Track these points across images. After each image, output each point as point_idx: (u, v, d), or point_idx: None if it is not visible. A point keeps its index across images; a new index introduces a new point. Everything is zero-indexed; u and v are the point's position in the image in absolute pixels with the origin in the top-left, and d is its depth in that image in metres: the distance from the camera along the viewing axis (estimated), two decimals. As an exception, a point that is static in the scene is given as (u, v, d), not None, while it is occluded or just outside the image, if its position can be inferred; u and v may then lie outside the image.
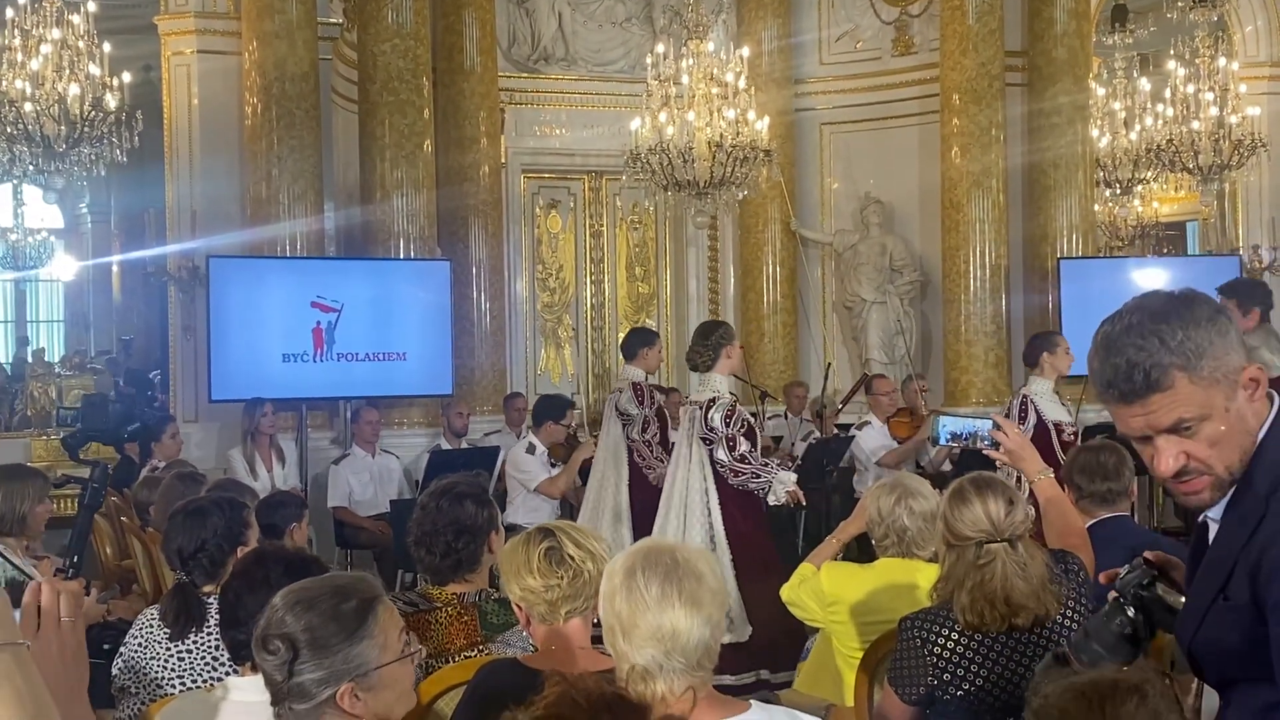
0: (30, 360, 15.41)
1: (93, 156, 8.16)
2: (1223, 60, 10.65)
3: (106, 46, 8.15)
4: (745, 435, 6.11)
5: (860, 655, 3.47)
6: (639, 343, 7.09)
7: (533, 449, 7.84)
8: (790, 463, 7.28)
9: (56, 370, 14.70)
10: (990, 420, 3.62)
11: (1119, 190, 12.36)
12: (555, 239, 11.60)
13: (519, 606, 2.77)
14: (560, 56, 11.34)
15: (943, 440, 3.78)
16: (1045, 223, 10.44)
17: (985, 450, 3.64)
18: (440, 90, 9.84)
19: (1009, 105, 10.45)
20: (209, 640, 3.30)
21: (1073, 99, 10.40)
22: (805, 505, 6.59)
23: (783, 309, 11.33)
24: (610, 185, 11.53)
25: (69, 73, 7.88)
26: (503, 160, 10.71)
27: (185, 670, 3.30)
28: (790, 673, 5.77)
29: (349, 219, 9.49)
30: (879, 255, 11.24)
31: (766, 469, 6.10)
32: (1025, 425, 6.41)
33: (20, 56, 7.86)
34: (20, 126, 7.79)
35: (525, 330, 11.29)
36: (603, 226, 11.74)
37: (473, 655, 3.15)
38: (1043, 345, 6.82)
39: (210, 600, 3.34)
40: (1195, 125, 10.49)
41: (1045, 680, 1.81)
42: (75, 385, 12.85)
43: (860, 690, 3.38)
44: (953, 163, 10.47)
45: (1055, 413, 6.74)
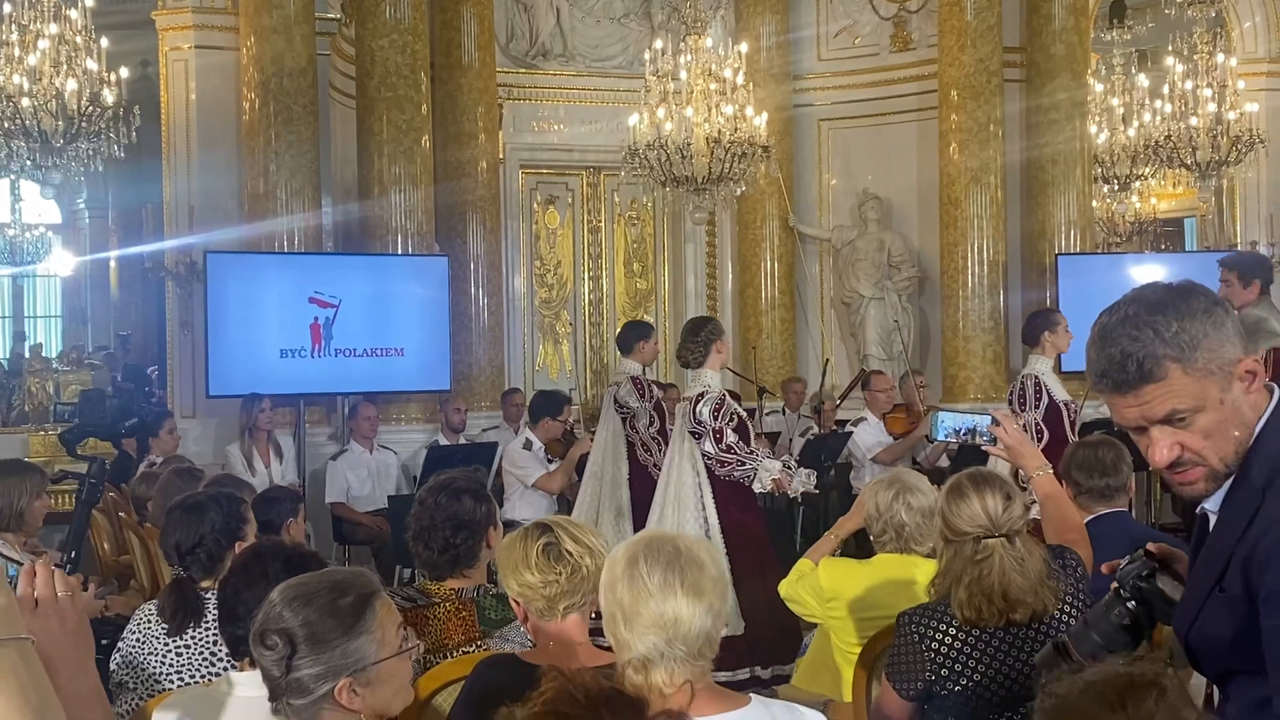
0: (28, 356, 15.40)
1: (90, 152, 8.16)
2: (1221, 56, 10.66)
3: (104, 42, 8.14)
4: (735, 429, 6.11)
5: (858, 651, 3.47)
6: (634, 336, 7.08)
7: (530, 445, 7.83)
8: (794, 462, 7.26)
9: (54, 366, 14.71)
10: (989, 416, 3.62)
11: (1117, 186, 12.39)
12: (553, 235, 11.58)
13: (517, 602, 2.76)
14: (558, 52, 11.32)
15: (941, 436, 3.77)
16: (1043, 219, 10.45)
17: (984, 446, 3.64)
18: (438, 86, 9.82)
19: (1007, 101, 10.45)
20: (207, 635, 3.29)
21: (1071, 95, 10.40)
22: (792, 495, 6.54)
23: (781, 305, 11.33)
24: (608, 181, 11.52)
25: (67, 68, 7.87)
26: (501, 156, 10.69)
27: (183, 665, 3.29)
28: (783, 668, 5.79)
29: (347, 214, 9.46)
30: (877, 251, 11.23)
31: (752, 456, 6.10)
32: (1040, 406, 6.36)
33: (18, 51, 7.85)
34: (18, 122, 7.77)
35: (523, 326, 11.28)
36: (601, 222, 11.72)
37: (471, 651, 3.15)
38: (1043, 323, 6.60)
39: (208, 595, 3.33)
40: (1193, 121, 10.50)
41: (1051, 676, 1.78)
42: (73, 381, 12.88)
43: (858, 686, 3.38)
44: (951, 159, 10.46)
45: (1062, 392, 6.59)
